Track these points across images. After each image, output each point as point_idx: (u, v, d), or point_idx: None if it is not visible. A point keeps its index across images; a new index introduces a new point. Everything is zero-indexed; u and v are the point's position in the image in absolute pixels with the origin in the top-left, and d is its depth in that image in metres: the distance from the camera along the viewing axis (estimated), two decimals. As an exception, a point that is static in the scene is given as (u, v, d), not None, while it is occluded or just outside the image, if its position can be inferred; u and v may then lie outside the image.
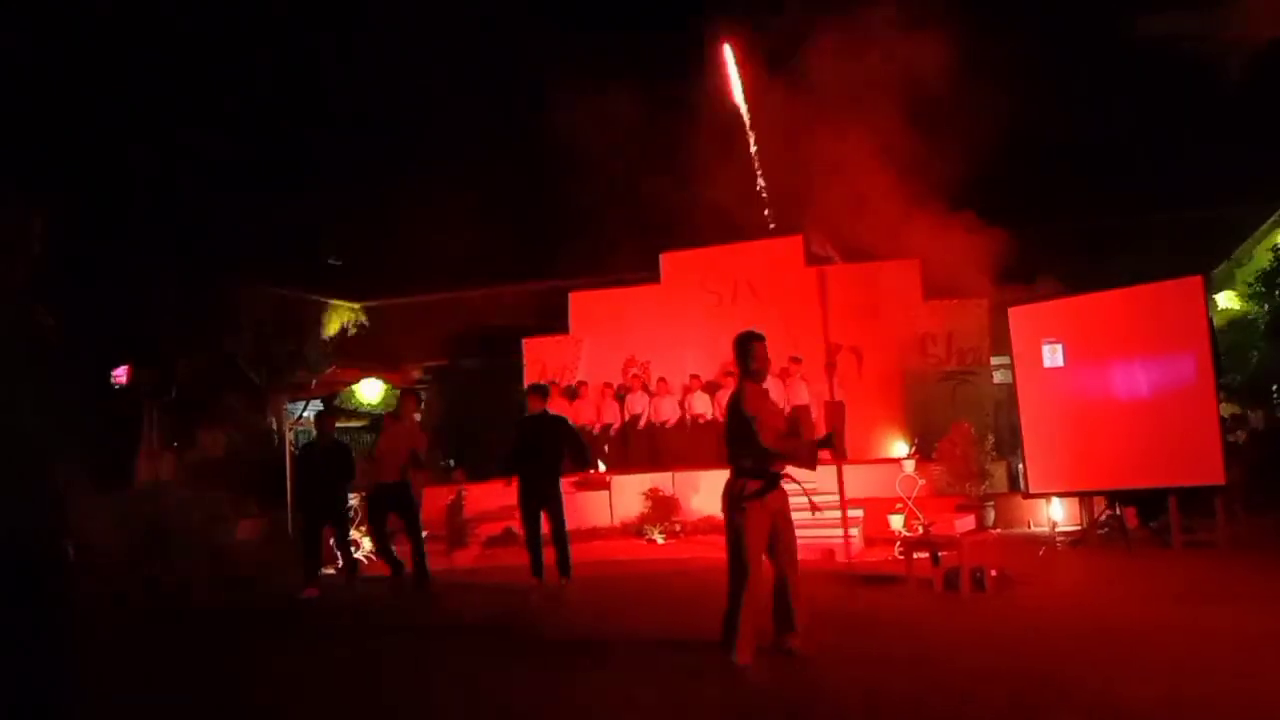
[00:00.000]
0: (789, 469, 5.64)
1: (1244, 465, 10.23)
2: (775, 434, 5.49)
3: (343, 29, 22.37)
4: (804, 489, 5.75)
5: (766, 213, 17.87)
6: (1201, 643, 5.48)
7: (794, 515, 5.67)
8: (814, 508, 5.96)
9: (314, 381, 17.95)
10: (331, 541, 9.67)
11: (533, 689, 5.40)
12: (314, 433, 10.32)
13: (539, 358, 16.98)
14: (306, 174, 21.16)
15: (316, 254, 22.12)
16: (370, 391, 17.74)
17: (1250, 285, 15.36)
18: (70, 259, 14.51)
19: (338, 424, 10.81)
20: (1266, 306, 14.76)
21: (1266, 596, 6.58)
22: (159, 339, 16.83)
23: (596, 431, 15.09)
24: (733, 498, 5.51)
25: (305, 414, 16.82)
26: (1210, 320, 9.67)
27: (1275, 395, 15.16)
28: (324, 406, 13.55)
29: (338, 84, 22.05)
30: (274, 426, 18.33)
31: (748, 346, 5.66)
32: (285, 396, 17.51)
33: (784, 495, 5.60)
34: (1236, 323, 15.62)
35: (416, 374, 21.04)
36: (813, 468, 5.66)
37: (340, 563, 10.17)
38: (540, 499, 8.72)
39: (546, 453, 8.76)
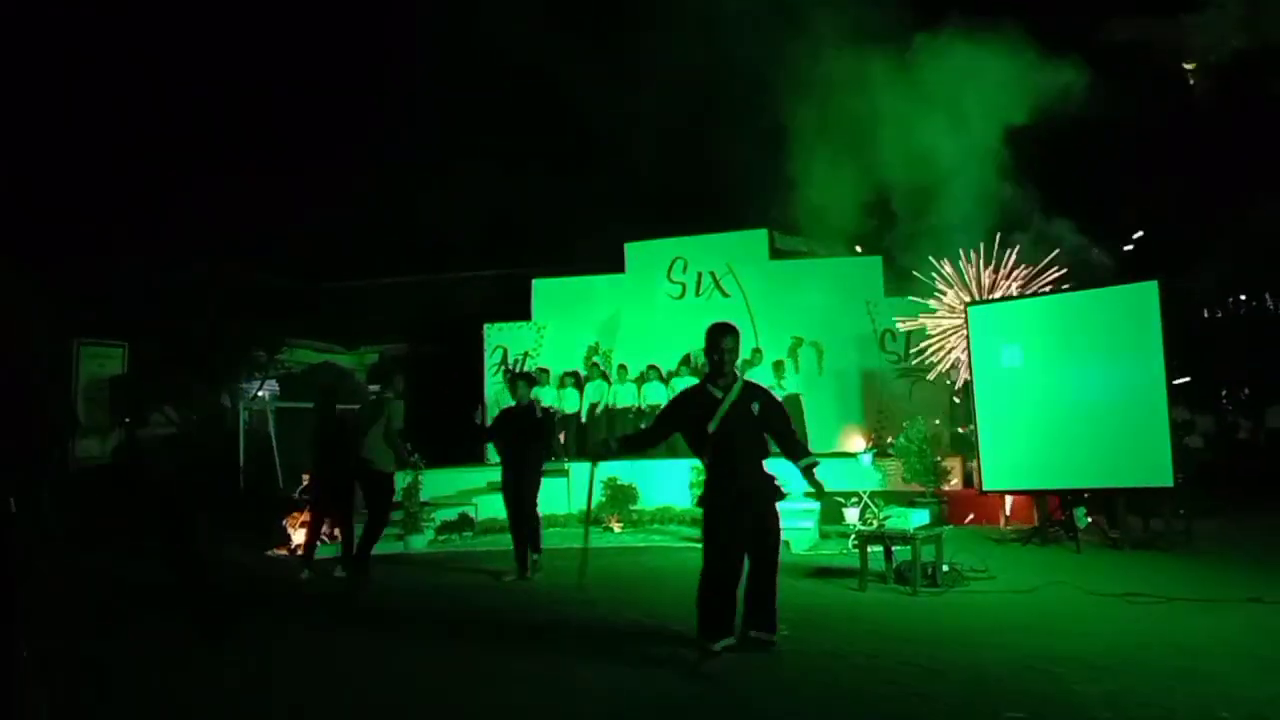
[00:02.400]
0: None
1: (1193, 468, 10.39)
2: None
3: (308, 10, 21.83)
4: None
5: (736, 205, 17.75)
6: (1147, 642, 5.54)
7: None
8: None
9: (269, 362, 17.61)
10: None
11: (485, 678, 5.34)
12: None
13: (500, 344, 16.87)
14: (270, 153, 20.66)
15: (281, 235, 21.62)
16: None
17: None
18: (31, 237, 14.14)
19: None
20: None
21: (1210, 598, 6.68)
22: (120, 319, 16.41)
23: (557, 418, 15.01)
24: None
25: (259, 393, 16.58)
26: (1164, 325, 9.76)
27: (1225, 400, 15.47)
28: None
29: (304, 63, 21.54)
30: (228, 405, 18.00)
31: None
32: (240, 376, 17.21)
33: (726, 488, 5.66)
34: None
35: (373, 357, 20.75)
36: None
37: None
38: (526, 485, 8.83)
39: (534, 440, 8.89)
